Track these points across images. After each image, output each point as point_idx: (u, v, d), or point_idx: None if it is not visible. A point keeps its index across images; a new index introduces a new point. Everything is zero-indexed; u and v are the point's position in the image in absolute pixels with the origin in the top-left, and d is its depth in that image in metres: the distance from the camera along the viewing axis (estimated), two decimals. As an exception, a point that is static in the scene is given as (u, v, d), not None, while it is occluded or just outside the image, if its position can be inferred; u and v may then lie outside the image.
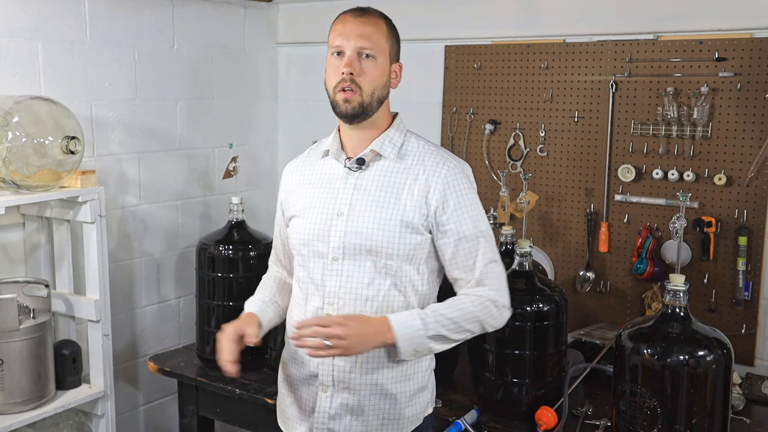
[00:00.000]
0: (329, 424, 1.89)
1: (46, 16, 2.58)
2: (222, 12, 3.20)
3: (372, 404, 1.88)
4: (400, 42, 1.93)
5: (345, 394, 1.88)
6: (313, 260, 1.90)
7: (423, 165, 1.88)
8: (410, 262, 1.86)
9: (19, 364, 2.32)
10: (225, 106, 3.27)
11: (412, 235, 1.84)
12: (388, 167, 1.89)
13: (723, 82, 2.50)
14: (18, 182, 2.26)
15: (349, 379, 1.87)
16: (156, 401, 3.13)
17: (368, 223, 1.84)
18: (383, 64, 1.86)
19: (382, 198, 1.86)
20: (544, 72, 2.83)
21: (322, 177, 1.94)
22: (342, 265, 1.86)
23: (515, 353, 2.24)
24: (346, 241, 1.85)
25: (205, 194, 3.22)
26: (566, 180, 2.83)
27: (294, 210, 1.97)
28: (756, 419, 2.27)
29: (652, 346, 1.91)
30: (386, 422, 1.90)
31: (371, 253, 1.84)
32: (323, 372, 1.89)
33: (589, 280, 2.79)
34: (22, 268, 2.62)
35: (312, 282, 1.90)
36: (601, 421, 2.21)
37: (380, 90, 1.86)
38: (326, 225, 1.88)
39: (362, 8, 1.89)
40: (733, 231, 2.52)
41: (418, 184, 1.85)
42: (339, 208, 1.88)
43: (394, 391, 1.89)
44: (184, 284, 3.15)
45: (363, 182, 1.88)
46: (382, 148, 1.89)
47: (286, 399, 2.02)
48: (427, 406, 1.98)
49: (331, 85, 1.86)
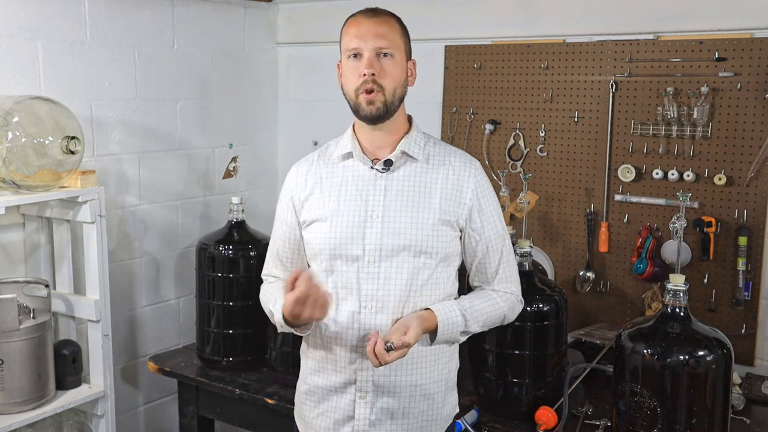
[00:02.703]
0: (370, 430, 1.87)
1: (46, 16, 2.58)
2: (222, 12, 3.20)
3: (412, 406, 1.88)
4: (410, 40, 1.93)
5: (385, 399, 1.86)
6: (345, 264, 1.86)
7: (452, 165, 1.90)
8: (445, 260, 1.88)
9: (19, 364, 2.32)
10: (225, 106, 3.27)
11: (449, 232, 1.86)
12: (417, 168, 1.89)
13: (723, 82, 2.50)
14: (18, 182, 2.26)
15: (390, 382, 1.86)
16: (156, 401, 3.13)
17: (405, 223, 1.84)
18: (401, 62, 1.86)
19: (416, 198, 1.86)
20: (544, 72, 2.83)
21: (345, 180, 1.91)
22: (379, 267, 1.83)
23: (515, 353, 2.24)
24: (384, 242, 1.83)
25: (205, 194, 3.22)
26: (566, 180, 2.83)
27: (316, 214, 1.91)
28: (756, 419, 2.27)
29: (652, 346, 1.91)
30: (425, 424, 1.90)
31: (410, 252, 1.83)
32: (362, 378, 1.86)
33: (589, 280, 2.79)
34: (22, 268, 2.62)
35: (345, 286, 1.86)
36: (601, 421, 2.21)
37: (401, 88, 1.86)
38: (359, 228, 1.85)
39: (373, 9, 1.88)
40: (733, 231, 2.52)
41: (450, 184, 1.88)
42: (372, 210, 1.86)
43: (432, 391, 1.89)
44: (184, 284, 3.15)
45: (393, 183, 1.87)
46: (411, 149, 1.89)
47: (312, 411, 1.95)
48: (456, 405, 2.00)
49: (351, 88, 1.84)
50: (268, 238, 2.80)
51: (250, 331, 2.70)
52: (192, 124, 3.13)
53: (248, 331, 2.70)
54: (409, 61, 1.91)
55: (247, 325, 2.70)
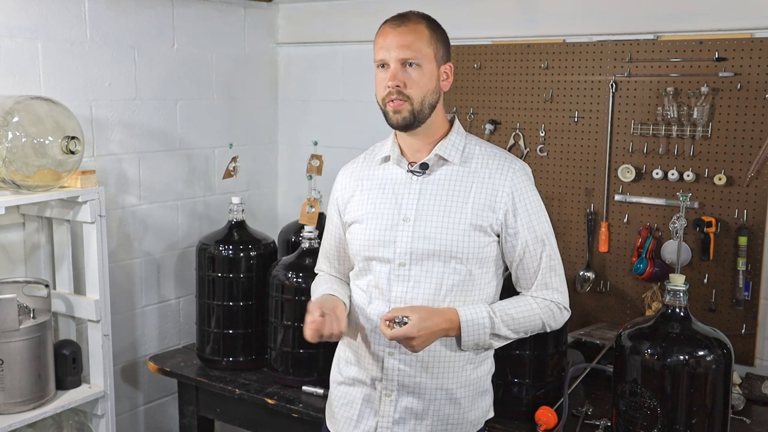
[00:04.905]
0: (393, 428, 1.88)
1: (46, 16, 2.58)
2: (222, 12, 3.20)
3: (436, 409, 1.88)
4: (448, 41, 1.91)
5: (410, 398, 1.87)
6: (378, 265, 1.88)
7: (488, 168, 1.88)
8: (479, 265, 1.86)
9: (19, 364, 2.32)
10: (225, 106, 3.27)
11: (481, 237, 1.84)
12: (453, 171, 1.89)
13: (723, 82, 2.50)
14: (18, 182, 2.26)
15: (415, 383, 1.86)
16: (156, 401, 3.13)
17: (436, 228, 1.84)
18: (430, 70, 1.84)
19: (449, 202, 1.85)
20: (544, 72, 2.83)
21: (383, 182, 1.93)
22: (409, 271, 1.85)
23: (515, 353, 2.24)
24: (414, 246, 1.84)
25: (205, 194, 3.22)
26: (566, 180, 2.83)
27: (354, 215, 1.94)
28: (756, 419, 2.27)
29: (652, 346, 1.91)
30: (450, 427, 1.90)
31: (440, 257, 1.83)
32: (388, 377, 1.87)
33: (589, 280, 2.79)
34: (22, 268, 2.62)
35: (377, 287, 1.89)
36: (601, 421, 2.21)
37: (431, 96, 1.85)
38: (391, 230, 1.87)
39: (401, 15, 1.87)
40: (733, 231, 2.52)
41: (485, 188, 1.86)
42: (405, 214, 1.87)
43: (458, 396, 1.89)
44: (184, 284, 3.15)
45: (428, 187, 1.88)
46: (447, 153, 1.88)
47: (339, 401, 1.98)
48: (489, 410, 1.99)
49: (380, 97, 1.86)
50: (268, 238, 2.82)
51: (250, 331, 2.71)
52: (192, 124, 3.13)
53: (248, 331, 2.71)
54: (444, 65, 1.88)
55: (247, 325, 2.70)
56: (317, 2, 3.30)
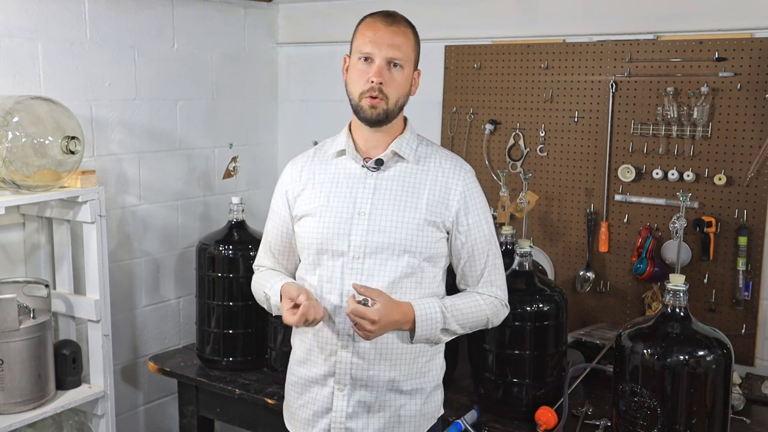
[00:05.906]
0: (347, 423, 1.90)
1: (46, 16, 2.58)
2: (222, 12, 3.20)
3: (388, 401, 1.90)
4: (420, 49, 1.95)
5: (362, 392, 1.89)
6: (331, 259, 1.89)
7: (442, 168, 1.93)
8: (430, 260, 1.90)
9: (19, 364, 2.32)
10: (225, 106, 3.27)
11: (434, 233, 1.89)
12: (407, 169, 1.93)
13: (723, 82, 2.50)
14: (18, 182, 2.26)
15: (367, 377, 1.88)
16: (156, 401, 3.13)
17: (391, 222, 1.87)
18: (409, 74, 1.90)
19: (404, 198, 1.89)
20: (544, 72, 2.83)
21: (337, 176, 1.95)
22: (362, 264, 1.86)
23: (515, 353, 2.24)
24: (369, 240, 1.86)
25: (205, 194, 3.22)
26: (566, 180, 2.83)
27: (306, 208, 1.95)
28: (756, 419, 2.27)
29: (652, 346, 1.91)
30: (403, 419, 1.92)
31: (394, 251, 1.86)
32: (340, 370, 1.89)
33: (589, 280, 2.79)
34: (22, 268, 2.62)
35: (329, 281, 1.90)
36: (601, 421, 2.21)
37: (403, 98, 1.91)
38: (346, 224, 1.88)
39: (391, 14, 1.89)
40: (733, 231, 2.52)
41: (439, 186, 1.91)
42: (360, 207, 1.89)
43: (409, 389, 1.91)
44: (184, 284, 3.15)
45: (383, 182, 1.91)
46: (402, 150, 1.92)
47: (296, 402, 2.00)
48: (441, 406, 2.02)
49: (356, 90, 1.87)
50: (268, 238, 2.81)
51: (250, 331, 2.71)
52: (192, 124, 3.13)
53: (248, 331, 2.70)
54: (415, 71, 1.94)
55: (247, 325, 2.70)
56: (317, 2, 3.30)
